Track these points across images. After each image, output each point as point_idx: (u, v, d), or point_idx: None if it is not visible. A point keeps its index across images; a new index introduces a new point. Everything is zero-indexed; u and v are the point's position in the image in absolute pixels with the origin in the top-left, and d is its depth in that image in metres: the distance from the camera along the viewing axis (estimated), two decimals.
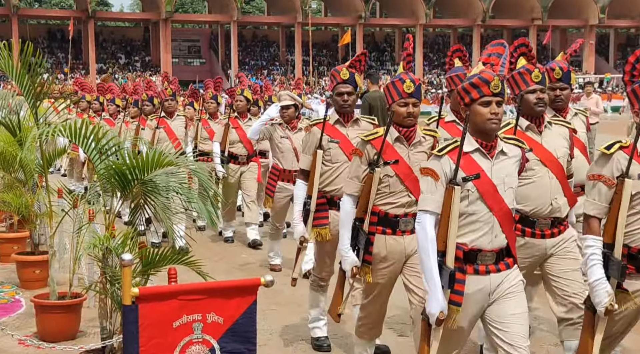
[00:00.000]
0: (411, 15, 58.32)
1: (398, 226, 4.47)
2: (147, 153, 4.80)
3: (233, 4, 53.92)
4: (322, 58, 62.17)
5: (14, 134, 6.79)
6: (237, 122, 9.44)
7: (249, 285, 3.62)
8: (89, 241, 5.30)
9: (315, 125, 5.46)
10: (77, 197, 6.56)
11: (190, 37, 62.79)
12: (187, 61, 60.46)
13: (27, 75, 6.28)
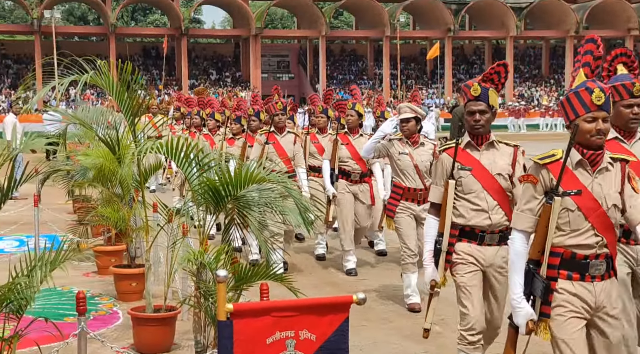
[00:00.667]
0: (501, 27, 57.38)
1: (588, 270, 3.68)
2: (240, 169, 4.87)
3: (322, 19, 54.30)
4: (410, 71, 61.87)
5: (113, 151, 6.98)
6: (347, 137, 8.79)
7: (342, 303, 3.61)
8: (183, 256, 5.42)
9: (445, 152, 4.83)
10: (172, 212, 6.70)
11: (279, 52, 63.48)
12: (276, 76, 61.08)
13: (126, 92, 6.47)
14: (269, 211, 5.40)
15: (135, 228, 7.75)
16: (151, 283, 6.32)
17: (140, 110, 6.76)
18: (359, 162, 8.59)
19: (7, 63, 56.74)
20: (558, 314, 3.67)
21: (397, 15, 55.33)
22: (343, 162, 8.72)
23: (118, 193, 7.97)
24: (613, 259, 3.75)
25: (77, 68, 6.30)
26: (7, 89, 51.60)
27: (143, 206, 6.71)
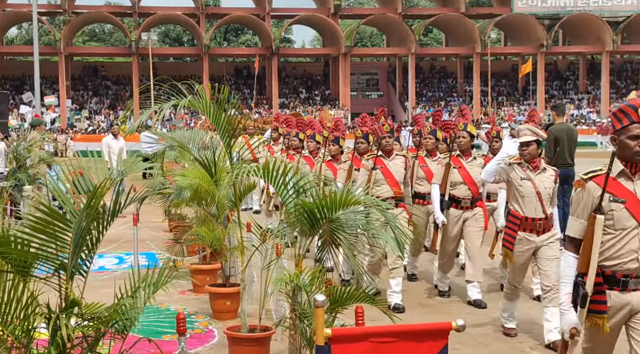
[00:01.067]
0: (596, 42, 56.04)
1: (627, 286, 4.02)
2: (335, 192, 4.90)
3: (411, 36, 54.25)
4: (501, 88, 61.07)
5: (209, 172, 7.12)
6: (460, 160, 8.13)
7: (441, 329, 3.56)
8: (277, 277, 5.46)
9: (591, 179, 4.20)
10: (266, 233, 6.77)
11: (368, 70, 63.70)
12: (365, 94, 61.31)
13: (222, 113, 6.58)
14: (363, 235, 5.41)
15: (230, 248, 7.85)
16: (246, 303, 6.39)
17: (237, 131, 6.86)
18: (472, 186, 8.07)
19: (106, 84, 58.84)
20: None
21: (488, 32, 54.76)
22: (454, 187, 8.12)
23: (213, 213, 8.11)
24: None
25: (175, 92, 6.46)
26: (106, 110, 53.48)
27: (239, 227, 6.80)
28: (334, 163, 9.76)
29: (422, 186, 8.93)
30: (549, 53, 57.68)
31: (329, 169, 9.72)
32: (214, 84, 6.80)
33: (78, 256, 3.70)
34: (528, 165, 6.61)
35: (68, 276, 3.65)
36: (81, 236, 3.66)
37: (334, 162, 9.77)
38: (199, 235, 8.27)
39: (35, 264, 3.64)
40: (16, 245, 3.55)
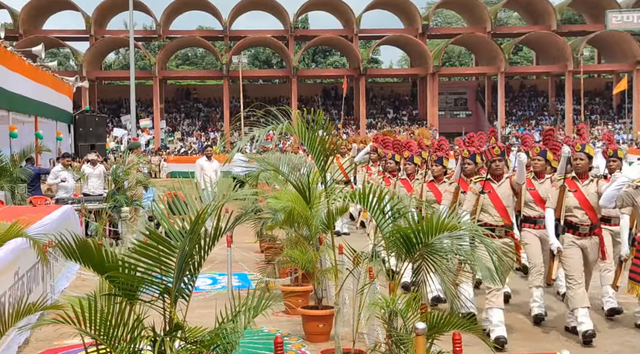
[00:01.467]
0: None
1: None
2: (432, 216, 4.88)
3: (500, 55, 53.54)
4: (595, 106, 59.47)
5: (303, 195, 7.17)
6: (576, 183, 7.64)
7: None
8: (371, 301, 5.46)
9: None
10: (359, 255, 6.77)
11: (456, 89, 63.12)
12: (453, 113, 60.79)
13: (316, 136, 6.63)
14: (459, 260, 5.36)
15: (322, 270, 7.89)
16: (341, 326, 6.40)
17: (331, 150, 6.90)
18: (589, 211, 7.52)
19: (198, 106, 60.20)
20: None
21: (581, 49, 53.51)
22: (570, 212, 7.59)
23: (305, 235, 8.17)
24: None
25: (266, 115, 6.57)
26: (198, 131, 54.65)
27: (333, 249, 6.83)
28: (436, 184, 9.38)
29: (532, 210, 8.25)
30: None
31: (431, 191, 9.36)
32: (303, 106, 6.89)
33: (181, 280, 3.79)
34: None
35: (172, 299, 3.74)
36: (184, 260, 3.75)
37: (436, 183, 9.39)
38: (291, 257, 8.35)
39: (141, 288, 3.75)
40: (123, 269, 3.67)
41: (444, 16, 72.74)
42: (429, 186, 9.43)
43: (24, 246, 6.58)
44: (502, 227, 7.41)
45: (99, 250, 3.71)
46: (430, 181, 9.48)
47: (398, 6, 57.35)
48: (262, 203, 9.21)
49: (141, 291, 3.79)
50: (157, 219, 4.13)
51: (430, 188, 9.37)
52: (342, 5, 55.71)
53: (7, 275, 6.61)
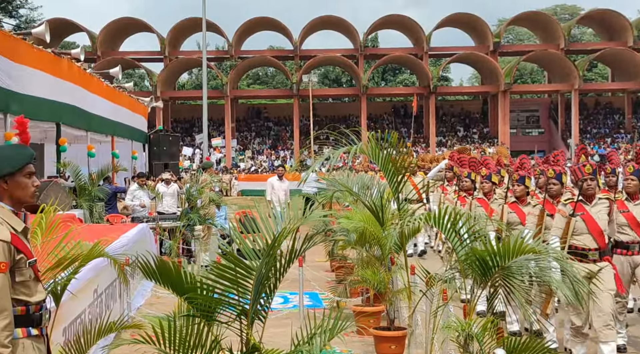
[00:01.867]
0: None
1: None
2: (509, 240, 4.80)
3: (574, 72, 52.64)
4: None
5: (375, 215, 7.16)
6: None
7: None
8: (444, 323, 5.39)
9: None
10: (432, 277, 6.70)
11: (528, 107, 62.26)
12: (525, 131, 59.96)
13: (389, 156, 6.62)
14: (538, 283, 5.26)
15: (394, 291, 7.84)
16: (414, 348, 6.35)
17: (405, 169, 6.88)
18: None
19: (268, 125, 60.88)
20: None
21: None
22: None
23: (377, 255, 8.14)
24: None
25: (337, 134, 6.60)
26: (268, 150, 55.22)
27: (405, 270, 6.80)
28: (519, 205, 8.73)
29: (625, 235, 7.48)
30: None
31: (514, 211, 8.74)
32: (372, 124, 6.90)
33: (258, 301, 3.82)
34: None
35: (249, 321, 3.77)
36: (261, 282, 3.78)
37: (519, 204, 8.75)
38: (363, 277, 8.31)
39: (218, 309, 3.78)
40: (202, 291, 3.71)
41: (516, 33, 71.99)
42: (512, 207, 8.77)
43: (103, 264, 6.73)
44: (596, 250, 6.77)
45: (177, 271, 3.77)
46: (512, 203, 8.81)
47: (469, 24, 57.07)
48: (334, 224, 9.21)
49: (218, 312, 3.83)
50: (230, 237, 4.18)
51: (513, 209, 8.74)
52: (412, 24, 55.73)
53: (87, 293, 6.77)
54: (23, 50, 14.24)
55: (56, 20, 49.71)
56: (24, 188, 3.69)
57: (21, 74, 13.96)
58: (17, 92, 13.62)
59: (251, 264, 3.81)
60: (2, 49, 13.09)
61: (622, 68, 56.26)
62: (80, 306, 6.48)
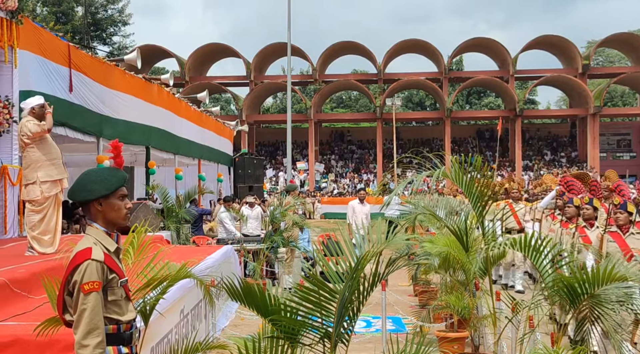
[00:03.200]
0: None
1: None
2: (598, 267, 4.69)
3: None
4: None
5: (460, 240, 7.09)
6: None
7: None
8: (530, 351, 5.29)
9: None
10: (518, 303, 6.58)
11: (619, 130, 60.60)
12: (615, 155, 58.35)
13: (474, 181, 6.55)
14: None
15: (479, 317, 7.73)
16: None
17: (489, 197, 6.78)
18: None
19: (351, 148, 61.01)
20: None
21: None
22: None
23: (461, 280, 8.04)
24: None
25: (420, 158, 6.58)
26: (351, 173, 55.31)
27: (491, 295, 6.69)
28: (621, 234, 7.56)
29: None
30: None
31: (615, 241, 7.55)
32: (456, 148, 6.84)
33: (341, 324, 3.82)
34: None
35: (332, 344, 3.77)
36: (344, 305, 3.79)
37: (621, 234, 7.57)
38: (447, 302, 8.23)
39: (302, 331, 3.80)
40: (285, 313, 3.74)
41: (606, 55, 70.27)
42: (613, 236, 7.56)
43: (189, 285, 6.85)
44: None
45: (262, 293, 3.81)
46: (613, 231, 7.63)
47: (557, 46, 56.07)
48: (417, 248, 9.15)
49: (302, 334, 3.85)
50: (313, 260, 4.21)
51: (615, 238, 7.55)
52: (497, 46, 55.15)
53: (174, 313, 6.87)
54: (116, 76, 14.72)
55: (147, 47, 51.16)
56: (117, 210, 3.78)
57: (114, 99, 14.41)
58: (110, 117, 14.07)
59: (334, 287, 3.82)
60: (96, 75, 13.57)
61: None
62: (168, 326, 6.58)
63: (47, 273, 5.70)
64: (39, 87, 11.08)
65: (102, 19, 60.02)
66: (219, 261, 10.24)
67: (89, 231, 3.79)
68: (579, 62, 54.33)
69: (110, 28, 60.65)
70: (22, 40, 10.70)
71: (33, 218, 8.49)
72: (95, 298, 3.57)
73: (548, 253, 5.14)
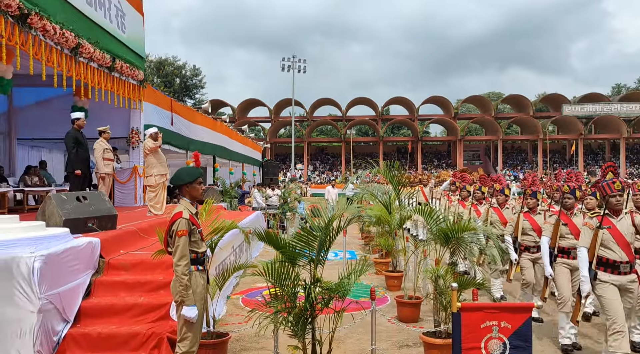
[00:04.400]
0: (617, 132, 49.67)
1: None
2: (460, 223, 4.70)
3: (499, 130, 51.19)
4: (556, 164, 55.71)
5: (387, 208, 7.08)
6: None
7: (527, 306, 3.30)
8: (425, 269, 5.29)
9: None
10: (417, 242, 6.60)
11: (473, 149, 60.30)
12: (471, 162, 58.28)
13: (391, 172, 6.55)
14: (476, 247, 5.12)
15: (397, 250, 7.74)
16: (407, 282, 6.25)
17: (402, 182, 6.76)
18: None
19: (327, 158, 60.71)
20: None
21: (547, 126, 50.19)
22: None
23: (387, 230, 8.05)
24: None
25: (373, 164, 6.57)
26: (328, 171, 55.11)
27: (403, 239, 6.70)
28: (532, 215, 5.92)
29: None
30: (586, 138, 52.04)
31: (527, 220, 5.84)
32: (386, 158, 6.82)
33: (319, 254, 3.81)
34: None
35: (315, 265, 3.76)
36: (321, 244, 3.77)
37: (531, 214, 5.92)
38: (379, 243, 8.25)
39: (298, 258, 3.79)
40: (289, 248, 3.73)
41: (467, 107, 70.37)
42: (526, 216, 5.87)
43: (237, 232, 6.82)
44: (627, 263, 4.23)
45: (276, 237, 3.79)
46: (526, 212, 5.91)
47: (440, 101, 56.17)
48: (363, 212, 9.16)
49: (298, 260, 3.83)
50: (305, 219, 4.18)
51: (527, 217, 5.86)
52: (408, 102, 55.14)
53: (228, 248, 6.84)
54: (197, 116, 14.62)
55: (214, 100, 50.74)
56: (197, 190, 3.76)
57: (195, 129, 14.29)
58: (192, 139, 13.95)
59: (316, 234, 3.81)
60: (186, 116, 13.48)
61: (527, 127, 54.55)
62: (225, 255, 6.57)
63: (158, 225, 5.67)
64: (154, 122, 10.98)
65: (190, 85, 59.53)
66: (253, 220, 10.19)
67: (180, 202, 3.77)
68: (452, 110, 54.41)
69: (194, 89, 60.16)
70: (145, 96, 10.59)
71: (150, 195, 8.41)
72: (185, 239, 3.56)
73: (434, 216, 5.14)
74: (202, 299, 3.66)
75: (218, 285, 4.56)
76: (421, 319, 5.89)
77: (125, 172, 10.44)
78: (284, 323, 3.61)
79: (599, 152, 57.31)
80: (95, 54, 7.85)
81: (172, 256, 3.59)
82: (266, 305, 3.68)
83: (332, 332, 3.69)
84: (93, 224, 5.66)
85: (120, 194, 10.39)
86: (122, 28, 9.30)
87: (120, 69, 8.94)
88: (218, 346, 4.22)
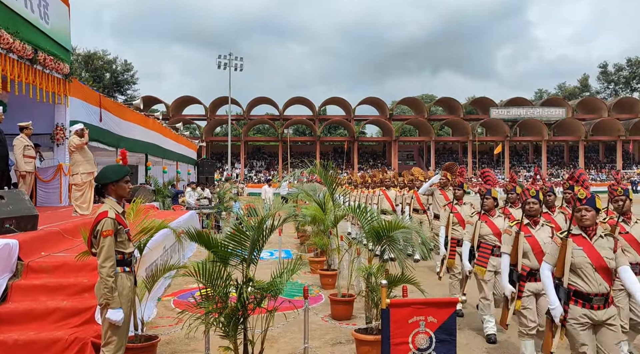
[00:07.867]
0: (539, 134, 53.62)
1: None
2: (391, 221, 4.85)
3: (432, 131, 53.34)
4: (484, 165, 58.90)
5: (321, 207, 7.17)
6: None
7: (452, 301, 3.47)
8: (358, 267, 5.41)
9: None
10: (351, 241, 6.74)
11: (407, 149, 62.49)
12: (406, 163, 60.17)
13: (328, 177, 6.66)
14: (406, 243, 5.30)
15: (331, 249, 7.85)
16: (340, 280, 6.35)
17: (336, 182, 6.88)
18: None
19: (263, 156, 60.33)
20: None
21: (476, 128, 52.85)
22: None
23: (322, 229, 8.14)
24: None
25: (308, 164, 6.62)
26: (265, 170, 54.74)
27: (337, 237, 6.81)
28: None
29: None
30: (511, 140, 55.60)
31: (484, 221, 5.18)
32: (322, 158, 6.91)
33: (252, 254, 3.79)
34: None
35: (247, 265, 3.74)
36: (254, 243, 3.76)
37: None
38: (314, 242, 8.32)
39: (230, 258, 3.75)
40: (220, 247, 3.68)
41: (402, 108, 72.65)
42: (483, 218, 5.23)
43: (169, 232, 6.64)
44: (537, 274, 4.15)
45: (208, 236, 3.74)
46: (484, 214, 5.24)
47: (376, 103, 57.52)
48: (299, 211, 9.21)
49: (230, 259, 3.80)
50: (240, 219, 4.15)
51: (484, 219, 5.21)
52: (344, 102, 55.98)
53: (159, 248, 6.66)
54: (128, 113, 14.01)
55: (147, 97, 48.84)
56: (124, 189, 3.65)
57: (126, 126, 13.70)
58: (122, 136, 13.36)
59: (249, 233, 3.79)
60: (116, 112, 12.90)
61: (458, 129, 57.24)
62: (155, 256, 6.39)
63: (84, 226, 5.39)
64: (81, 118, 10.40)
65: (121, 80, 56.91)
66: (187, 220, 9.96)
67: (106, 201, 3.63)
68: (387, 112, 55.92)
69: (126, 85, 57.56)
70: (72, 91, 10.00)
71: (76, 194, 7.98)
72: (110, 240, 3.43)
73: (367, 216, 5.26)
74: (128, 301, 3.54)
75: (147, 286, 4.42)
76: (354, 316, 5.99)
77: (49, 170, 9.82)
78: (215, 324, 3.56)
79: (523, 153, 61.35)
80: (14, 44, 7.31)
81: (97, 258, 3.44)
82: (197, 306, 3.62)
83: (264, 332, 3.69)
84: (11, 225, 5.30)
85: (43, 193, 9.76)
86: (46, 18, 8.71)
87: (43, 62, 8.38)
88: (146, 349, 4.09)
